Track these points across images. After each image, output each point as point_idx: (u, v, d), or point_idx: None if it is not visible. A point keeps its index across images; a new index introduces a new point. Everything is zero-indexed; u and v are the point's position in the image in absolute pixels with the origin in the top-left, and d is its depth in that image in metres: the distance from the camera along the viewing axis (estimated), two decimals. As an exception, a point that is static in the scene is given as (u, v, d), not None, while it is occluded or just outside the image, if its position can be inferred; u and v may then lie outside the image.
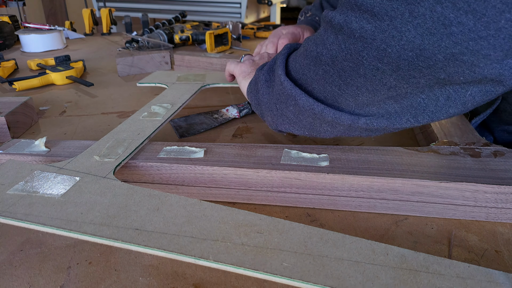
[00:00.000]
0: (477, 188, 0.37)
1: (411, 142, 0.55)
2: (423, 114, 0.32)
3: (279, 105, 0.40)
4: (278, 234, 0.29)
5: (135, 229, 0.30)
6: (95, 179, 0.37)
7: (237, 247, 0.28)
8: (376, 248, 0.28)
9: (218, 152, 0.44)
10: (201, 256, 0.27)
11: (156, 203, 0.33)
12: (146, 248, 0.28)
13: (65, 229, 0.30)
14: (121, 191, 0.35)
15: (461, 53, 0.25)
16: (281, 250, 0.28)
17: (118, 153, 0.42)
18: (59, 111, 0.72)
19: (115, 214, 0.32)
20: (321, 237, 0.29)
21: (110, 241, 0.29)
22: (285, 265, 0.26)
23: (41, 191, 0.35)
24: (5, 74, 0.94)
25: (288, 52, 0.41)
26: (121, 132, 0.48)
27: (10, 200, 0.33)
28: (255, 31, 1.48)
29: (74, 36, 1.50)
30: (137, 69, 0.95)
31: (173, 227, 0.30)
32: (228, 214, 0.31)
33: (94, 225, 0.30)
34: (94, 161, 0.40)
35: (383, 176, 0.38)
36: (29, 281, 0.32)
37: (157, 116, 0.53)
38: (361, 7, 0.28)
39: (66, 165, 0.40)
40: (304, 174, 0.39)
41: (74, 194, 0.34)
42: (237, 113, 0.65)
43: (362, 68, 0.30)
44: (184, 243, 0.28)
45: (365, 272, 0.26)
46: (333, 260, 0.27)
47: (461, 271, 0.26)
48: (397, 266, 0.26)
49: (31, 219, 0.31)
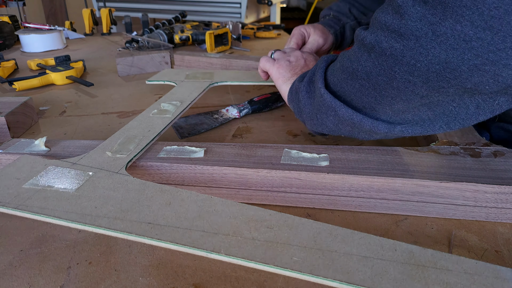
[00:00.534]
0: (477, 188, 0.37)
1: (411, 142, 0.55)
2: (454, 121, 0.34)
3: (319, 115, 0.43)
4: (287, 229, 0.29)
5: (148, 223, 0.30)
6: (108, 174, 0.37)
7: (248, 242, 0.28)
8: (384, 243, 0.28)
9: (218, 152, 0.44)
10: (213, 249, 0.28)
11: (168, 198, 0.33)
12: (159, 242, 0.28)
13: (80, 222, 0.31)
14: (134, 186, 0.35)
15: (483, 63, 0.27)
16: (291, 245, 0.28)
17: (130, 149, 0.43)
18: (59, 111, 0.72)
19: (128, 208, 0.32)
20: (330, 233, 0.29)
21: (124, 234, 0.29)
22: (295, 260, 0.27)
23: (55, 185, 0.36)
24: (5, 74, 0.94)
25: (325, 65, 0.44)
26: (132, 129, 0.49)
27: (26, 194, 0.34)
28: (255, 31, 1.48)
29: (74, 36, 1.50)
30: (137, 69, 0.95)
31: (185, 222, 0.30)
32: (238, 209, 0.32)
33: (108, 219, 0.31)
34: (107, 157, 0.41)
35: (383, 176, 0.38)
36: (29, 281, 0.32)
37: (167, 113, 0.54)
38: (389, 27, 0.31)
39: (79, 160, 0.40)
40: (304, 174, 0.39)
41: (88, 189, 0.35)
42: (237, 113, 0.65)
43: (395, 82, 0.33)
44: (196, 237, 0.29)
45: (374, 267, 0.26)
46: (342, 255, 0.27)
47: (469, 267, 0.26)
48: (406, 262, 0.26)
49: (46, 213, 0.32)
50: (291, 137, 0.58)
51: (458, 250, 0.35)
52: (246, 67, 0.86)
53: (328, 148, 0.44)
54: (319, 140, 0.57)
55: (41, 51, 1.24)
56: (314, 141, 0.57)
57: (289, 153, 0.43)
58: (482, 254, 0.35)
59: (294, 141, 0.57)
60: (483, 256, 0.34)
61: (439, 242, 0.36)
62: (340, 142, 0.56)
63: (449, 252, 0.35)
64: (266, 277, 0.33)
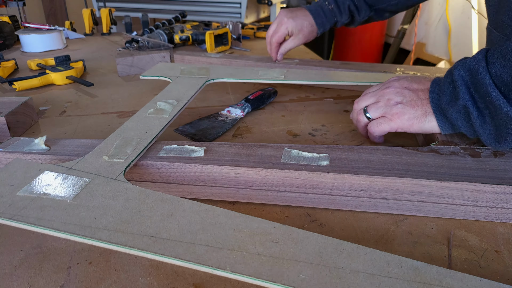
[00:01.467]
0: (477, 188, 0.37)
1: (411, 142, 0.55)
2: None
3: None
4: (293, 243, 0.29)
5: (150, 236, 0.29)
6: (105, 181, 0.36)
7: (254, 257, 0.28)
8: (390, 260, 0.28)
9: (218, 151, 0.44)
10: (218, 266, 0.27)
11: (169, 208, 0.32)
12: (162, 257, 0.28)
13: (79, 235, 0.29)
14: (133, 195, 0.34)
15: None
16: (297, 261, 0.27)
17: (127, 153, 0.41)
18: (59, 111, 0.72)
19: (128, 219, 0.31)
20: (336, 248, 0.29)
21: (126, 248, 0.28)
22: (302, 277, 0.26)
23: (51, 193, 0.34)
24: (5, 74, 0.94)
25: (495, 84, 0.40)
26: (128, 130, 0.48)
27: (21, 203, 0.32)
28: (255, 31, 1.48)
29: (74, 36, 1.50)
30: (137, 69, 0.95)
31: (188, 235, 0.29)
32: (242, 221, 0.31)
33: (108, 231, 0.30)
34: (103, 162, 0.40)
35: (384, 175, 0.38)
36: (29, 281, 0.32)
37: (164, 113, 0.52)
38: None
39: (74, 165, 0.39)
40: (304, 173, 0.39)
41: (85, 197, 0.34)
42: (241, 112, 0.65)
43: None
44: (201, 252, 0.28)
45: (380, 285, 0.26)
46: (349, 272, 0.27)
47: (474, 285, 0.26)
48: (412, 279, 0.26)
49: (44, 224, 0.30)
50: (291, 137, 0.58)
51: (458, 250, 0.35)
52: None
53: (329, 148, 0.44)
54: (319, 140, 0.57)
55: (41, 51, 1.24)
56: (314, 141, 0.57)
57: (289, 153, 0.43)
58: (482, 254, 0.35)
59: (294, 141, 0.57)
60: (483, 256, 0.34)
61: (439, 242, 0.36)
62: (340, 142, 0.56)
63: (448, 252, 0.35)
64: (266, 277, 0.32)
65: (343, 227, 0.39)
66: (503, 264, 0.34)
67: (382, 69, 0.78)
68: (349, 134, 0.59)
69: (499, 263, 0.34)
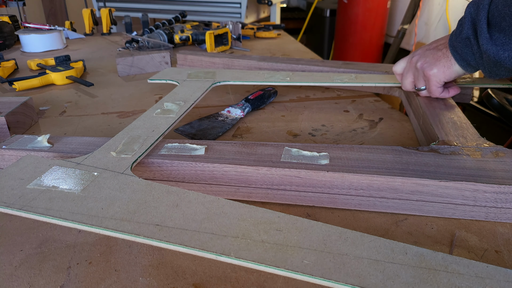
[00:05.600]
0: (476, 188, 0.37)
1: (411, 142, 0.55)
2: None
3: None
4: (297, 232, 0.29)
5: (155, 225, 0.30)
6: (113, 175, 0.37)
7: (258, 244, 0.28)
8: (394, 247, 0.28)
9: (218, 149, 0.44)
10: (223, 252, 0.27)
11: (175, 199, 0.33)
12: (168, 244, 0.28)
13: (86, 224, 0.30)
14: (140, 187, 0.35)
15: None
16: (301, 248, 0.28)
17: (134, 150, 0.42)
18: (59, 111, 0.72)
19: (135, 209, 0.32)
20: (340, 236, 0.29)
21: (132, 236, 0.29)
22: (305, 263, 0.26)
23: (60, 186, 0.35)
24: (5, 74, 0.94)
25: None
26: (136, 129, 0.49)
27: (31, 195, 0.34)
28: (255, 31, 1.48)
29: (74, 36, 1.50)
30: (137, 69, 0.95)
31: (193, 224, 0.30)
32: (246, 211, 0.32)
33: (115, 220, 0.30)
34: (111, 157, 0.41)
35: (383, 174, 0.38)
36: (29, 281, 0.32)
37: (170, 113, 0.54)
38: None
39: (83, 160, 0.40)
40: (304, 172, 0.39)
41: (93, 190, 0.35)
42: (241, 112, 0.65)
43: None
44: (205, 239, 0.28)
45: (385, 270, 0.26)
46: (353, 258, 0.27)
47: (480, 271, 0.26)
48: (416, 265, 0.26)
49: (52, 214, 0.31)
50: (291, 137, 0.58)
51: (458, 250, 0.35)
52: (248, 66, 0.86)
53: (329, 147, 0.44)
54: (319, 140, 0.57)
55: (41, 51, 1.24)
56: (314, 141, 0.57)
57: (289, 151, 0.43)
58: (482, 255, 0.35)
59: (294, 141, 0.57)
60: (483, 257, 0.34)
61: (439, 242, 0.36)
62: (340, 141, 0.56)
63: (450, 252, 0.35)
64: (266, 278, 0.33)
65: (343, 227, 0.39)
66: (503, 264, 0.34)
67: (385, 69, 0.78)
68: (349, 134, 0.59)
69: (499, 263, 0.34)
